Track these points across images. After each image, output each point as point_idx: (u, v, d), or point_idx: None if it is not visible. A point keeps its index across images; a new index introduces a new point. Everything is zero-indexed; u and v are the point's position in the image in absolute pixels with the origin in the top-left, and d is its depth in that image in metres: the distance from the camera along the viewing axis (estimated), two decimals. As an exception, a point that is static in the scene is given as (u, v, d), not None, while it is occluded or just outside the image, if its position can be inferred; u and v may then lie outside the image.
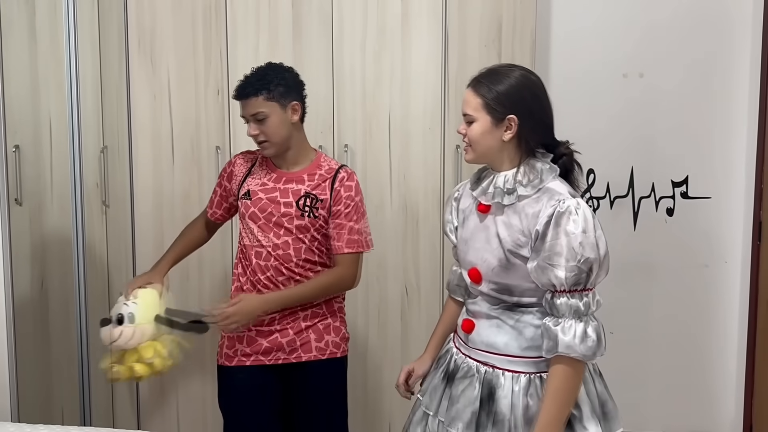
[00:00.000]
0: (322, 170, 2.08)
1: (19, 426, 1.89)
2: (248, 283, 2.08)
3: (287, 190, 2.06)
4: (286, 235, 2.04)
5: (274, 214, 2.04)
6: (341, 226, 2.06)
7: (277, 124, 2.00)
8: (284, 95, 2.01)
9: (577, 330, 1.53)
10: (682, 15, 2.87)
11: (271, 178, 2.09)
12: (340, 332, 2.15)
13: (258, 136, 2.01)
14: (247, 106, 2.00)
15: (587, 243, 1.52)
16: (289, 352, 2.09)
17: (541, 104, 1.65)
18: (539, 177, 1.61)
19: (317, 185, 2.06)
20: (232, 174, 2.15)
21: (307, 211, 2.04)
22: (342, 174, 2.08)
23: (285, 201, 2.05)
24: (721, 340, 3.00)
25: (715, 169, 2.94)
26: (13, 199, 2.53)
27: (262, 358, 2.09)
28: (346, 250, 2.06)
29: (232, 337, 2.10)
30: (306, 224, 2.04)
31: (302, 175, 2.07)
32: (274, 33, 2.54)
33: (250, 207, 2.07)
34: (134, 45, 2.55)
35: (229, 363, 2.11)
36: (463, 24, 2.50)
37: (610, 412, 1.66)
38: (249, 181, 2.11)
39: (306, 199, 2.04)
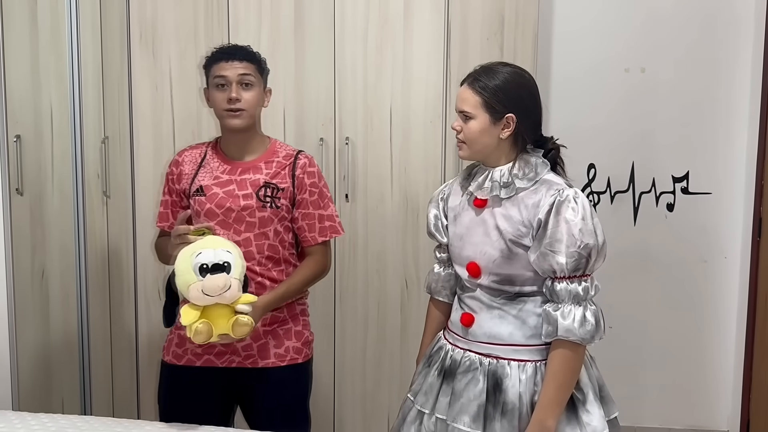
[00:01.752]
0: (279, 157, 1.97)
1: (20, 414, 1.89)
2: None
3: (244, 181, 1.93)
4: (247, 230, 1.91)
5: (233, 208, 1.91)
6: (310, 216, 1.96)
7: (259, 97, 1.94)
8: (265, 77, 1.99)
9: (576, 314, 1.58)
10: (684, 10, 2.87)
11: (224, 170, 1.95)
12: (302, 337, 2.02)
13: (239, 101, 1.89)
14: (237, 67, 1.90)
15: (586, 230, 1.57)
16: (245, 357, 1.95)
17: (535, 102, 1.68)
18: (534, 170, 1.65)
19: (276, 173, 1.94)
20: (181, 174, 1.99)
21: (269, 202, 1.92)
22: (302, 160, 1.97)
23: (244, 193, 1.92)
24: (720, 336, 3.01)
25: (716, 164, 2.94)
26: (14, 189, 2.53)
27: (213, 359, 1.95)
28: (320, 240, 1.97)
29: (182, 336, 1.93)
30: (269, 216, 1.92)
31: (258, 164, 1.95)
32: (275, 25, 2.53)
33: (206, 203, 1.92)
34: (136, 35, 2.54)
35: (178, 362, 1.97)
36: (465, 17, 2.49)
37: (608, 396, 1.72)
38: (200, 176, 1.96)
39: (266, 189, 1.92)
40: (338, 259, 2.63)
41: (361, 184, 2.59)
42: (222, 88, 1.91)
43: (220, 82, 1.91)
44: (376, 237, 2.61)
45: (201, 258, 1.69)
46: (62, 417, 1.89)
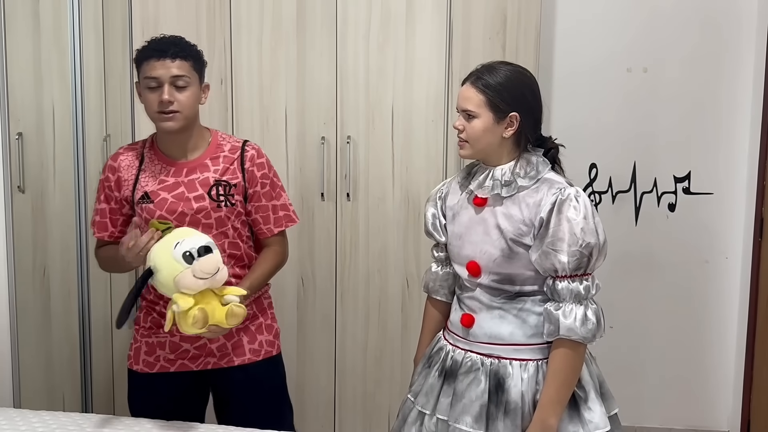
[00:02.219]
0: (225, 151, 1.88)
1: (22, 412, 1.90)
2: (162, 299, 1.86)
3: (193, 182, 1.83)
4: (205, 232, 1.79)
5: (186, 212, 1.82)
6: (264, 207, 1.90)
7: (195, 97, 1.81)
8: (202, 73, 1.86)
9: (578, 313, 1.58)
10: (686, 10, 2.87)
11: (168, 172, 1.84)
12: (272, 329, 2.01)
13: (171, 103, 1.76)
14: (170, 67, 1.76)
15: (588, 229, 1.57)
16: (220, 357, 1.92)
17: (537, 101, 1.69)
18: (536, 169, 1.65)
19: (225, 169, 1.85)
20: (119, 181, 1.87)
21: (223, 201, 1.83)
22: (250, 152, 1.89)
23: (195, 195, 1.82)
24: (721, 336, 3.01)
25: (718, 165, 2.94)
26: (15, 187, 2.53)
27: (188, 363, 1.91)
28: (276, 231, 1.92)
29: (151, 343, 1.92)
30: (225, 215, 1.85)
31: (204, 161, 1.85)
32: (277, 23, 2.53)
33: (155, 210, 1.82)
34: (138, 34, 2.54)
35: (150, 369, 1.92)
36: (468, 16, 2.49)
37: (608, 392, 1.72)
38: (142, 182, 1.84)
39: (218, 188, 1.83)
40: (339, 258, 2.63)
41: (363, 183, 2.59)
42: (153, 90, 1.78)
43: (151, 84, 1.78)
44: (377, 236, 2.61)
45: (183, 246, 1.65)
46: (63, 414, 1.90)
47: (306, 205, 2.61)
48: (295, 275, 2.64)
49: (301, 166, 2.59)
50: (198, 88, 1.84)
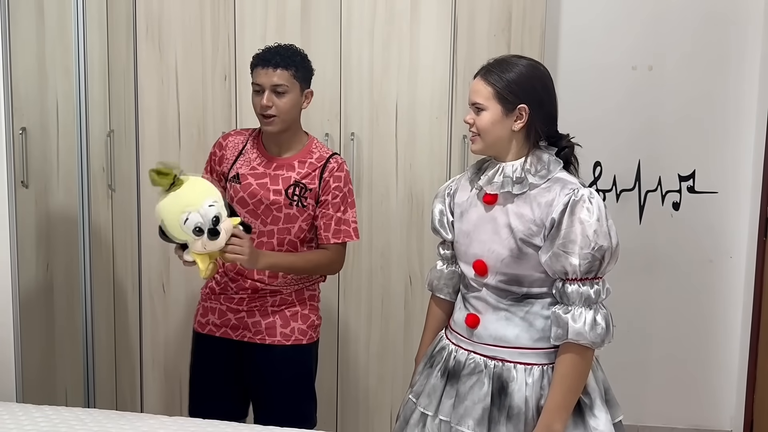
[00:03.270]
0: (312, 158, 2.04)
1: (24, 407, 1.90)
2: (224, 266, 2.06)
3: (277, 176, 2.02)
4: (273, 223, 2.02)
5: (263, 201, 2.01)
6: (328, 216, 2.03)
7: (293, 103, 1.99)
8: (306, 80, 2.02)
9: (587, 318, 1.55)
10: (692, 8, 2.85)
11: (261, 162, 2.04)
12: (308, 320, 2.11)
13: (270, 108, 1.96)
14: (272, 75, 1.95)
15: (601, 231, 1.55)
16: (254, 332, 2.09)
17: (550, 95, 1.66)
18: (546, 167, 1.62)
19: (307, 174, 2.02)
20: (222, 158, 2.09)
21: (296, 201, 2.01)
22: (332, 164, 2.04)
23: (275, 188, 2.01)
24: (724, 336, 3.00)
25: (723, 164, 2.93)
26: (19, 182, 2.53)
27: (230, 332, 2.10)
28: (332, 241, 2.04)
29: (206, 307, 2.13)
30: (294, 213, 2.01)
31: (293, 162, 2.03)
32: (281, 19, 2.53)
33: (240, 191, 2.03)
34: (142, 29, 2.54)
35: (201, 330, 2.13)
36: (473, 13, 2.48)
37: (613, 399, 1.70)
38: (239, 163, 2.06)
39: (295, 188, 2.01)
40: (342, 255, 2.62)
41: (366, 180, 2.58)
42: (258, 94, 1.98)
43: (256, 88, 1.98)
44: (381, 233, 2.61)
45: (191, 221, 1.74)
46: (66, 410, 1.90)
47: (309, 201, 2.60)
48: (298, 272, 2.64)
49: (305, 163, 2.59)
50: (298, 95, 2.00)
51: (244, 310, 2.08)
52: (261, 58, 1.97)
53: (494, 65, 1.63)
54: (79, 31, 2.49)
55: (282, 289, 2.08)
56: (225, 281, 2.10)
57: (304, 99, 2.03)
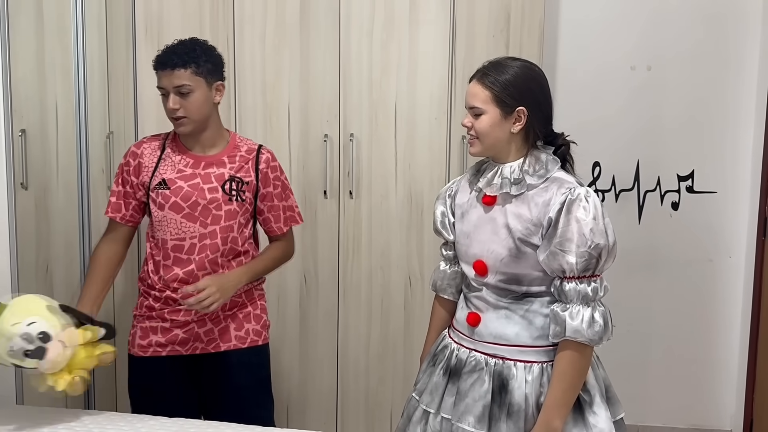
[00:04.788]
0: (241, 151, 2.01)
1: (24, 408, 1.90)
2: (160, 282, 1.97)
3: (209, 175, 1.96)
4: (214, 222, 1.96)
5: (200, 202, 1.94)
6: (276, 207, 2.05)
7: (201, 101, 1.91)
8: (211, 73, 1.94)
9: (585, 315, 1.57)
10: (691, 8, 2.86)
11: (187, 163, 1.97)
12: (261, 320, 2.09)
13: (178, 110, 1.90)
14: (171, 77, 1.88)
15: (597, 230, 1.56)
16: (207, 342, 2.01)
17: (546, 95, 1.67)
18: (545, 167, 1.63)
19: (240, 167, 1.99)
20: (139, 166, 1.99)
21: (234, 195, 1.97)
22: (265, 155, 2.03)
23: (209, 186, 1.95)
24: (724, 335, 3.00)
25: (722, 163, 2.93)
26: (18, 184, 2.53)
27: (178, 348, 2.00)
28: (285, 229, 2.08)
29: (145, 328, 2.01)
30: (234, 209, 1.97)
31: (222, 158, 1.98)
32: (281, 20, 2.53)
33: (170, 196, 1.94)
34: (141, 31, 2.54)
35: (144, 353, 2.01)
36: (471, 14, 2.49)
37: (614, 397, 1.71)
38: (161, 169, 1.97)
39: (231, 183, 1.97)
40: (342, 255, 2.63)
41: (366, 181, 2.58)
42: (165, 97, 1.91)
43: (161, 92, 1.92)
44: (380, 234, 2.61)
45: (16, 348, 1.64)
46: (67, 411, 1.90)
47: (309, 202, 2.61)
48: (298, 272, 2.64)
49: (304, 164, 2.59)
50: (205, 91, 1.93)
51: (194, 320, 1.99)
52: (159, 60, 1.90)
53: (490, 68, 1.64)
54: (79, 32, 2.49)
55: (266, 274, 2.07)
56: (165, 296, 1.98)
57: (214, 93, 1.95)
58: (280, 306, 2.68)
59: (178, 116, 1.91)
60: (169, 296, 1.98)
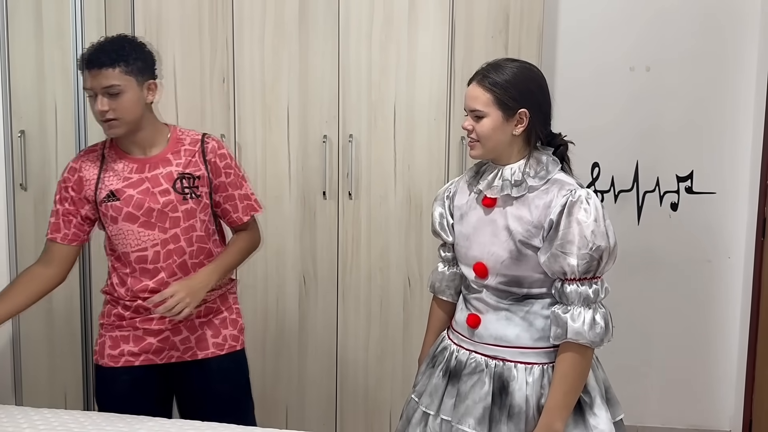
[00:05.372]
0: (185, 144, 1.89)
1: (24, 410, 1.90)
2: (128, 294, 1.89)
3: (157, 177, 1.85)
4: (173, 226, 1.85)
5: (154, 207, 1.83)
6: (232, 197, 1.94)
7: (133, 101, 1.79)
8: (142, 71, 1.81)
9: (586, 317, 1.56)
10: (690, 9, 2.86)
11: (132, 169, 1.85)
12: (237, 324, 2.02)
13: (108, 112, 1.77)
14: (99, 77, 1.75)
15: (598, 232, 1.55)
16: (183, 350, 1.93)
17: (546, 96, 1.66)
18: (545, 168, 1.63)
19: (188, 162, 1.87)
20: (80, 181, 1.87)
21: (188, 193, 1.86)
22: (211, 144, 1.91)
23: (160, 189, 1.84)
24: (723, 336, 3.01)
25: (721, 164, 2.93)
26: (18, 184, 2.54)
27: (152, 357, 1.92)
28: (245, 219, 1.97)
29: (115, 337, 1.91)
30: (192, 207, 1.87)
31: (166, 156, 1.87)
32: (280, 21, 2.53)
33: (122, 208, 1.83)
34: (140, 32, 2.54)
35: (115, 364, 1.91)
36: (470, 15, 2.49)
37: (613, 398, 1.71)
38: (106, 181, 1.85)
39: (182, 181, 1.86)
40: (341, 257, 2.63)
41: (365, 182, 2.58)
42: (93, 98, 1.79)
43: (89, 93, 1.80)
44: (379, 235, 2.61)
45: None
46: (65, 412, 1.90)
47: (308, 203, 2.61)
48: (296, 274, 2.64)
49: (303, 165, 2.59)
50: (136, 90, 1.80)
51: (168, 329, 1.90)
52: (85, 60, 1.77)
53: (490, 70, 1.63)
54: (78, 33, 2.49)
55: (206, 297, 1.91)
56: (136, 304, 1.89)
57: (146, 92, 1.83)
58: (279, 307, 2.68)
59: (108, 118, 1.78)
60: (140, 305, 1.89)
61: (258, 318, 2.67)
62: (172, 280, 1.88)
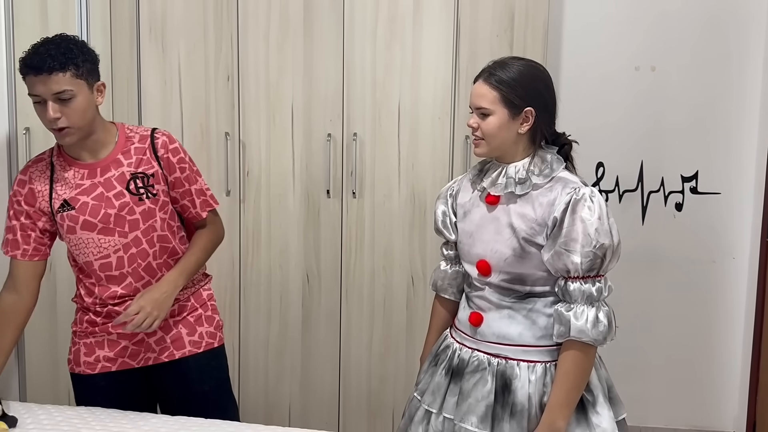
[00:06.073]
0: (134, 143, 1.82)
1: (27, 406, 1.91)
2: (97, 303, 1.84)
3: (109, 180, 1.78)
4: (133, 228, 1.79)
5: (110, 212, 1.77)
6: (189, 192, 1.88)
7: (85, 106, 1.71)
8: (92, 73, 1.74)
9: (589, 315, 1.56)
10: (695, 8, 2.85)
11: (82, 175, 1.78)
12: (213, 321, 1.97)
13: (59, 120, 1.68)
14: (49, 83, 1.66)
15: (602, 229, 1.55)
16: (160, 351, 1.89)
17: (552, 95, 1.67)
18: (550, 167, 1.63)
19: (139, 161, 1.80)
20: (32, 193, 1.79)
21: (143, 193, 1.80)
22: (161, 138, 1.84)
23: (114, 193, 1.78)
24: (727, 337, 3.00)
25: (726, 164, 2.93)
26: (23, 181, 2.53)
27: (129, 361, 1.88)
28: (204, 214, 1.92)
29: (90, 344, 1.87)
30: (149, 207, 1.81)
31: (116, 157, 1.80)
32: (285, 19, 2.53)
33: (78, 216, 1.77)
34: (145, 30, 2.55)
35: (92, 371, 1.87)
36: (475, 14, 2.49)
37: (616, 397, 1.71)
38: (58, 190, 1.78)
39: (135, 181, 1.79)
40: (344, 255, 2.63)
41: (369, 180, 2.59)
42: (41, 105, 1.70)
43: (35, 99, 1.70)
44: (383, 233, 2.61)
45: None
46: (69, 408, 1.90)
47: (312, 201, 2.61)
48: (300, 272, 2.65)
49: (307, 163, 2.59)
50: (87, 94, 1.73)
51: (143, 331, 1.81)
52: (30, 64, 1.67)
53: (496, 68, 1.63)
54: (83, 31, 2.49)
55: (179, 296, 1.88)
56: (107, 309, 1.84)
57: (97, 94, 1.76)
58: (283, 305, 2.68)
59: (61, 126, 1.69)
60: (111, 310, 1.84)
61: (261, 316, 2.68)
62: (140, 284, 1.84)
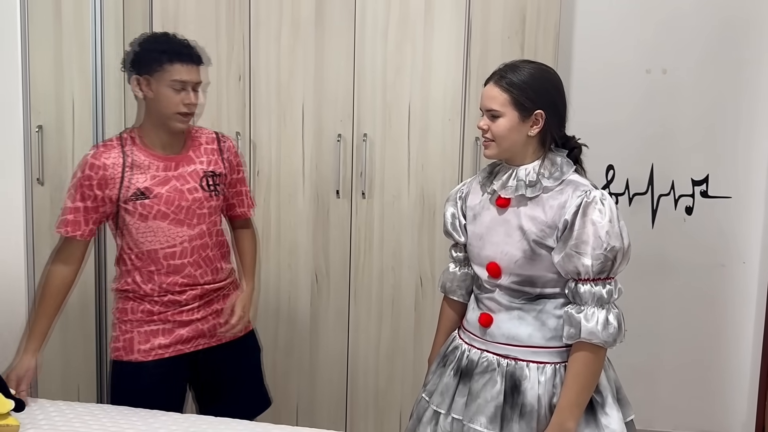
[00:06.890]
0: (202, 143, 2.00)
1: (38, 401, 1.92)
2: (156, 291, 1.93)
3: (183, 175, 1.92)
4: (200, 222, 1.94)
5: (183, 204, 1.90)
6: (240, 192, 2.09)
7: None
8: None
9: (600, 317, 1.57)
10: (706, 10, 2.84)
11: (158, 167, 1.90)
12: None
13: (195, 106, 1.90)
14: (193, 72, 1.88)
15: (613, 232, 1.56)
16: (210, 336, 2.02)
17: (562, 98, 1.67)
18: (560, 170, 1.64)
19: (210, 161, 1.98)
20: (105, 179, 1.86)
21: (213, 190, 1.96)
22: (226, 142, 2.04)
23: (188, 187, 1.92)
24: (736, 341, 2.99)
25: (736, 168, 2.92)
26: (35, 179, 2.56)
27: (181, 347, 1.98)
28: (249, 214, 2.13)
29: (145, 332, 1.94)
30: (215, 204, 1.98)
31: (189, 155, 1.95)
32: (296, 20, 2.54)
33: (153, 206, 1.87)
34: (158, 28, 2.56)
35: (145, 358, 1.94)
36: (487, 15, 2.49)
37: (624, 399, 1.71)
38: (134, 178, 1.88)
39: (208, 179, 1.96)
40: (353, 255, 2.63)
41: (378, 181, 2.59)
42: (178, 91, 1.86)
43: (177, 86, 1.86)
44: (392, 234, 2.61)
45: None
46: (80, 405, 1.92)
47: (321, 202, 2.61)
48: (309, 272, 2.65)
49: (317, 163, 2.60)
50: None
51: (197, 318, 1.98)
52: (181, 53, 1.86)
53: (507, 71, 1.63)
54: (96, 30, 2.51)
55: (225, 285, 2.06)
56: (166, 299, 1.94)
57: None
58: (291, 305, 2.69)
59: (191, 112, 1.90)
60: (171, 299, 1.94)
61: (270, 315, 2.68)
62: (198, 272, 1.97)
